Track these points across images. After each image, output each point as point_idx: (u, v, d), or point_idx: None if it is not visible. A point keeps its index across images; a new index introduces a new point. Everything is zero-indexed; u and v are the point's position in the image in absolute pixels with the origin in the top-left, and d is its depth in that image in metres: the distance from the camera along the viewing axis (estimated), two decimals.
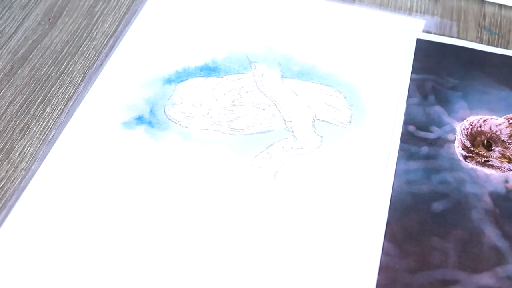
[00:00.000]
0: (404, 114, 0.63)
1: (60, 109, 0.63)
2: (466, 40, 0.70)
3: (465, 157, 0.59)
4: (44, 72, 0.67)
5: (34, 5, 0.74)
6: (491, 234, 0.54)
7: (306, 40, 0.70)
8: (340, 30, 0.71)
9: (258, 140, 0.61)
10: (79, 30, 0.71)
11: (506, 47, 0.70)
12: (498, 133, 0.61)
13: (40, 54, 0.69)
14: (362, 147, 0.60)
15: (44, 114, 0.63)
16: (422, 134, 0.61)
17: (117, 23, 0.72)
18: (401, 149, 0.60)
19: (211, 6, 0.74)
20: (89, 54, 0.69)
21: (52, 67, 0.67)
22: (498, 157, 0.59)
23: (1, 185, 0.57)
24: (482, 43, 0.70)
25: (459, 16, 0.73)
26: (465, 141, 0.60)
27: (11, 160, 0.59)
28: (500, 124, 0.62)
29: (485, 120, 0.62)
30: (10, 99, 0.64)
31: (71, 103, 0.64)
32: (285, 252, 0.53)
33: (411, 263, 0.52)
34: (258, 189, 0.57)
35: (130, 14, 0.73)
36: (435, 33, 0.71)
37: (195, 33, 0.71)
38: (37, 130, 0.62)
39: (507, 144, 0.60)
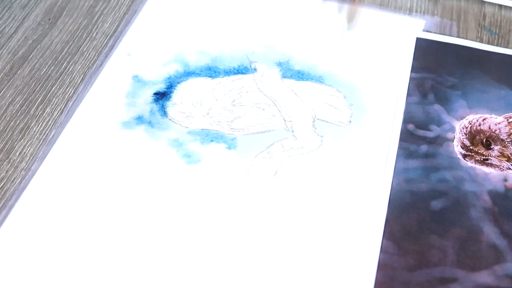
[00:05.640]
0: (404, 113, 0.63)
1: (60, 109, 0.64)
2: (466, 39, 0.70)
3: (464, 156, 0.59)
4: (44, 72, 0.67)
5: (34, 5, 0.74)
6: (490, 233, 0.54)
7: (306, 40, 0.70)
8: (340, 29, 0.72)
9: (258, 140, 0.61)
10: (79, 30, 0.72)
11: (506, 47, 0.70)
12: (497, 131, 0.61)
13: (40, 54, 0.69)
14: (362, 146, 0.60)
15: (44, 114, 0.63)
16: (422, 132, 0.61)
17: (117, 23, 0.72)
18: (400, 147, 0.60)
19: (211, 6, 0.74)
20: (89, 54, 0.69)
21: (52, 67, 0.67)
22: (497, 156, 0.59)
23: (1, 185, 0.57)
24: (482, 43, 0.70)
25: (459, 16, 0.73)
26: (464, 140, 0.60)
27: (11, 160, 0.59)
28: (499, 123, 0.62)
29: (484, 119, 0.62)
30: (10, 99, 0.64)
31: (71, 103, 0.64)
32: (284, 251, 0.53)
33: (410, 261, 0.52)
34: (258, 189, 0.57)
35: (130, 14, 0.73)
36: (435, 33, 0.71)
37: (195, 33, 0.71)
38: (37, 130, 0.62)
39: (506, 142, 0.60)
